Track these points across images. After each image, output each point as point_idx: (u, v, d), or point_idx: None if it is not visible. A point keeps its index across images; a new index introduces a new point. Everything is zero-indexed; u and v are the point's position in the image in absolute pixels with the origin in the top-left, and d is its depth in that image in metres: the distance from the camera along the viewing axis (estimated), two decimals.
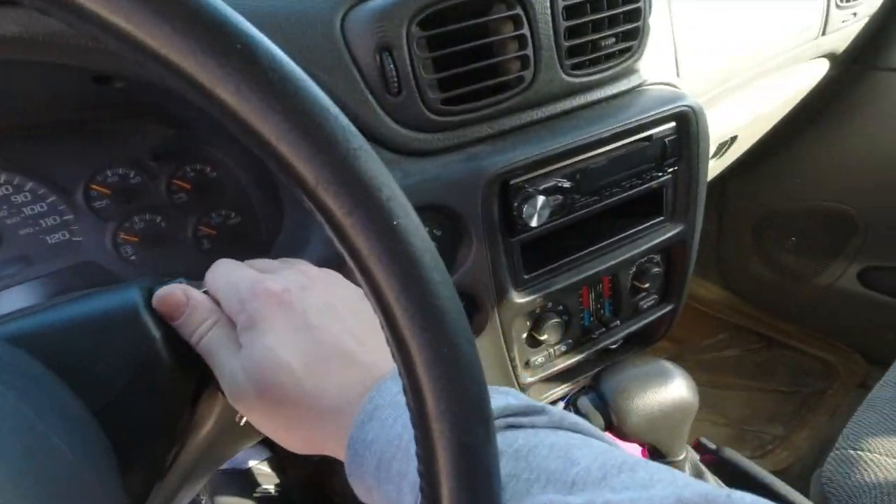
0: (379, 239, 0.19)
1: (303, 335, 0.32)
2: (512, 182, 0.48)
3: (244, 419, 0.47)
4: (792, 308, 1.47)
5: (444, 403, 0.21)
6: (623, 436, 0.47)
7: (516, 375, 0.58)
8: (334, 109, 0.19)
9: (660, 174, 0.57)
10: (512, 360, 0.57)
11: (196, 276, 0.49)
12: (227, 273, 0.36)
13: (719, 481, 0.62)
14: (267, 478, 0.96)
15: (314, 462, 1.10)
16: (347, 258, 0.19)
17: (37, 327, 0.31)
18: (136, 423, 0.33)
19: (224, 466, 0.96)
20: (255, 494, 0.92)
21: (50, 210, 0.50)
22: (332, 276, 0.37)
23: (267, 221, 0.58)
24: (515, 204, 0.49)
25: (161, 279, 0.38)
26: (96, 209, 0.52)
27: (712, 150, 0.89)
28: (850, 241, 1.27)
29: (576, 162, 0.51)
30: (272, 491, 0.94)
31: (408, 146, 0.47)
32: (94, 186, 0.52)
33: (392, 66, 0.44)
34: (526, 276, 0.54)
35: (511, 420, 0.27)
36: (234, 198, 0.58)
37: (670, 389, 0.46)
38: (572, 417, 0.28)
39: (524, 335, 0.58)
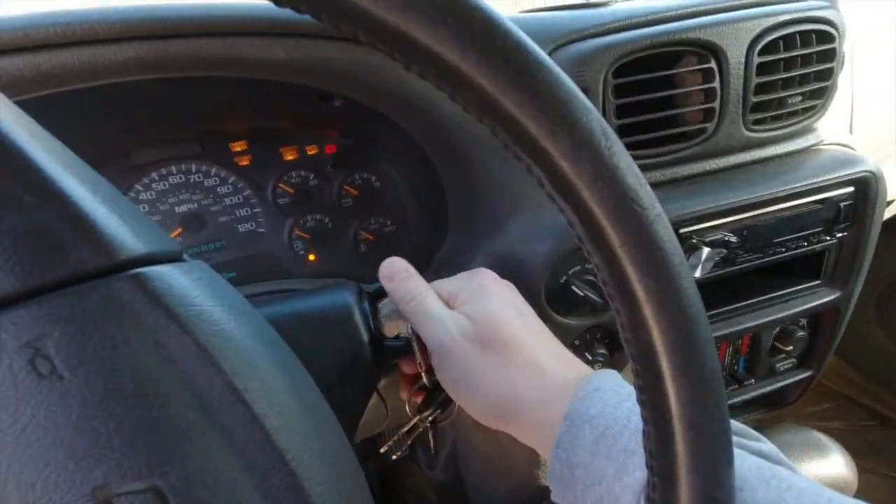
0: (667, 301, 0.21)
1: (522, 311, 0.36)
2: (681, 231, 0.48)
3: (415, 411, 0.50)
4: None
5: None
6: None
7: None
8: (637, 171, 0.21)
9: (827, 238, 0.55)
10: None
11: (352, 276, 0.53)
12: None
13: None
14: None
15: (394, 459, 1.14)
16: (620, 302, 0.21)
17: (278, 315, 0.35)
18: (340, 416, 0.36)
19: None
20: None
21: (244, 202, 0.57)
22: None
23: (421, 233, 0.62)
24: None
25: (361, 284, 0.42)
26: (280, 205, 0.58)
27: None
28: None
29: (746, 218, 0.50)
30: None
31: None
32: (281, 185, 0.58)
33: None
34: None
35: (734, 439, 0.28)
36: (393, 208, 0.62)
37: (829, 465, 0.44)
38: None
39: None
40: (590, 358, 0.51)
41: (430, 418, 0.42)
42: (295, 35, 0.39)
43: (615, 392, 0.30)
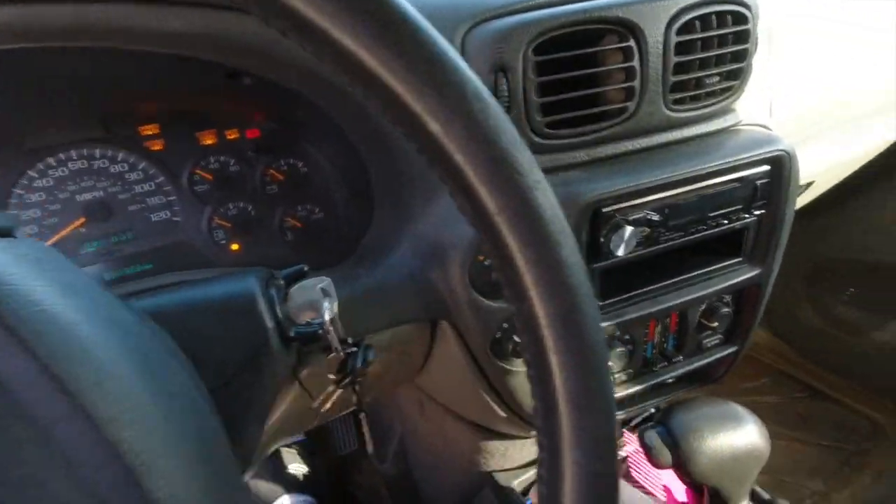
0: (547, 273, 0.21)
1: None
2: (604, 210, 0.48)
3: (318, 403, 0.49)
4: (841, 360, 1.42)
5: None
6: (688, 476, 0.47)
7: None
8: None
9: (746, 216, 0.57)
10: None
11: (279, 264, 0.51)
12: None
13: None
14: (297, 459, 0.98)
15: (342, 454, 1.12)
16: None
17: (168, 305, 0.33)
18: (243, 404, 0.35)
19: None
20: (288, 471, 0.95)
21: (157, 190, 0.53)
22: None
23: (350, 220, 0.60)
24: (604, 232, 0.49)
25: (272, 270, 0.40)
26: (197, 193, 0.55)
27: None
28: None
29: (667, 196, 0.51)
30: (301, 476, 0.96)
31: None
32: (198, 171, 0.55)
33: (506, 86, 0.45)
34: (601, 303, 0.54)
35: None
36: (321, 194, 0.60)
37: (743, 434, 0.46)
38: None
39: None
40: (519, 340, 0.51)
41: (345, 382, 0.41)
42: (186, 4, 0.36)
43: None
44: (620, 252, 0.49)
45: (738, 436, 0.46)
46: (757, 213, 0.57)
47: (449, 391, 0.67)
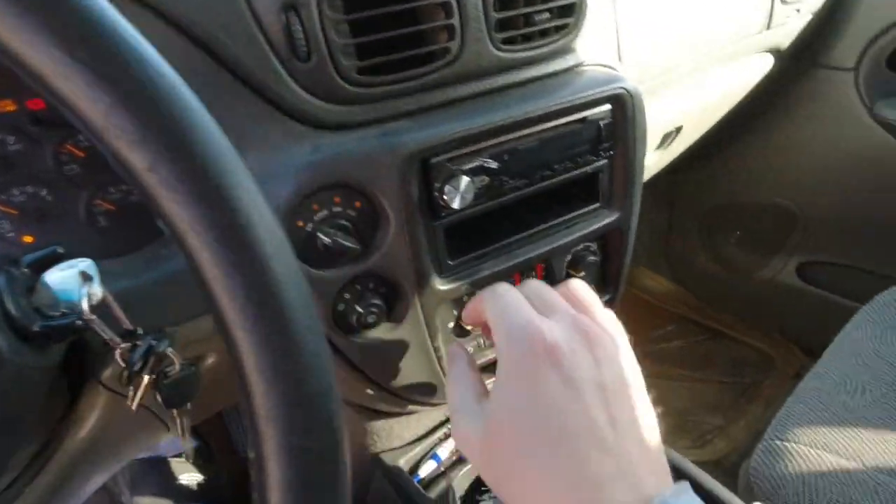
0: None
1: (555, 409, 0.29)
2: (433, 161, 0.45)
3: (136, 402, 0.43)
4: (734, 301, 1.51)
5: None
6: None
7: (442, 367, 0.55)
8: None
9: (595, 158, 0.55)
10: (436, 349, 0.54)
11: (89, 256, 0.44)
12: (502, 299, 0.36)
13: None
14: (190, 468, 0.91)
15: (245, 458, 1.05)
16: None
17: None
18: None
19: (146, 455, 0.90)
20: (179, 483, 0.87)
21: None
22: (612, 339, 0.33)
23: None
24: (437, 185, 0.46)
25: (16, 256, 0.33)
26: None
27: (657, 140, 0.88)
28: (790, 236, 1.30)
29: (504, 142, 0.48)
30: (194, 485, 0.89)
31: (319, 118, 0.43)
32: None
33: (299, 26, 0.40)
34: (451, 262, 0.51)
35: None
36: None
37: None
38: None
39: (450, 324, 0.55)
40: (362, 311, 0.47)
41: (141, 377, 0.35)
42: None
43: None
44: (456, 204, 0.46)
45: None
46: (606, 155, 0.56)
47: None
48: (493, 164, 0.48)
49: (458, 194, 0.46)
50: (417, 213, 0.46)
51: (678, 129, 0.89)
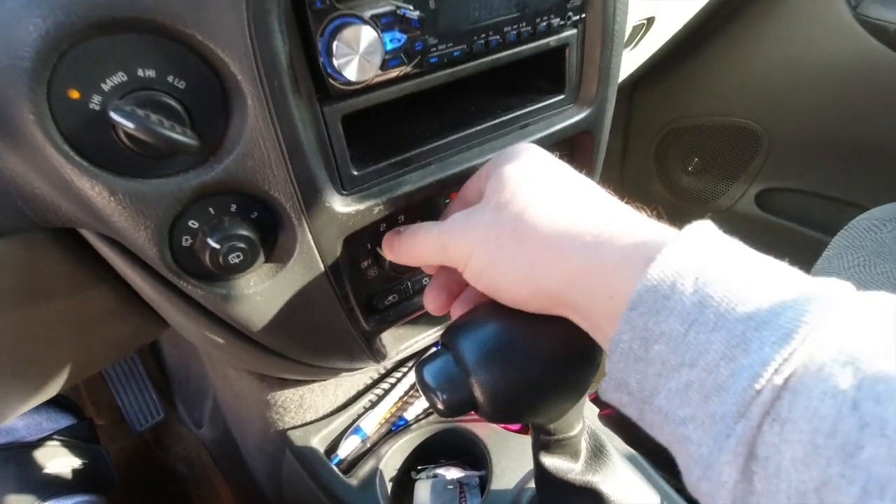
0: None
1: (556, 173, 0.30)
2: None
3: None
4: None
5: None
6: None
7: (354, 323, 0.40)
8: None
9: (561, 23, 0.39)
10: (345, 299, 0.38)
11: None
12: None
13: (621, 440, 0.51)
14: (60, 453, 0.74)
15: (141, 431, 0.89)
16: None
17: None
18: None
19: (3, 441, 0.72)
20: (46, 472, 0.70)
21: None
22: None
23: None
24: (320, 37, 0.28)
25: None
26: None
27: (626, 33, 0.73)
28: (752, 160, 1.21)
29: None
30: (68, 473, 0.72)
31: None
32: None
33: None
34: (356, 173, 0.34)
35: None
36: None
37: None
38: None
39: (364, 263, 0.40)
40: (218, 246, 0.30)
41: None
42: None
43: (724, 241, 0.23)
44: (353, 74, 0.29)
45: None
46: (576, 17, 0.39)
47: (187, 333, 0.46)
48: (414, 13, 0.31)
49: (356, 57, 0.29)
50: (292, 85, 0.28)
51: (650, 21, 0.74)
